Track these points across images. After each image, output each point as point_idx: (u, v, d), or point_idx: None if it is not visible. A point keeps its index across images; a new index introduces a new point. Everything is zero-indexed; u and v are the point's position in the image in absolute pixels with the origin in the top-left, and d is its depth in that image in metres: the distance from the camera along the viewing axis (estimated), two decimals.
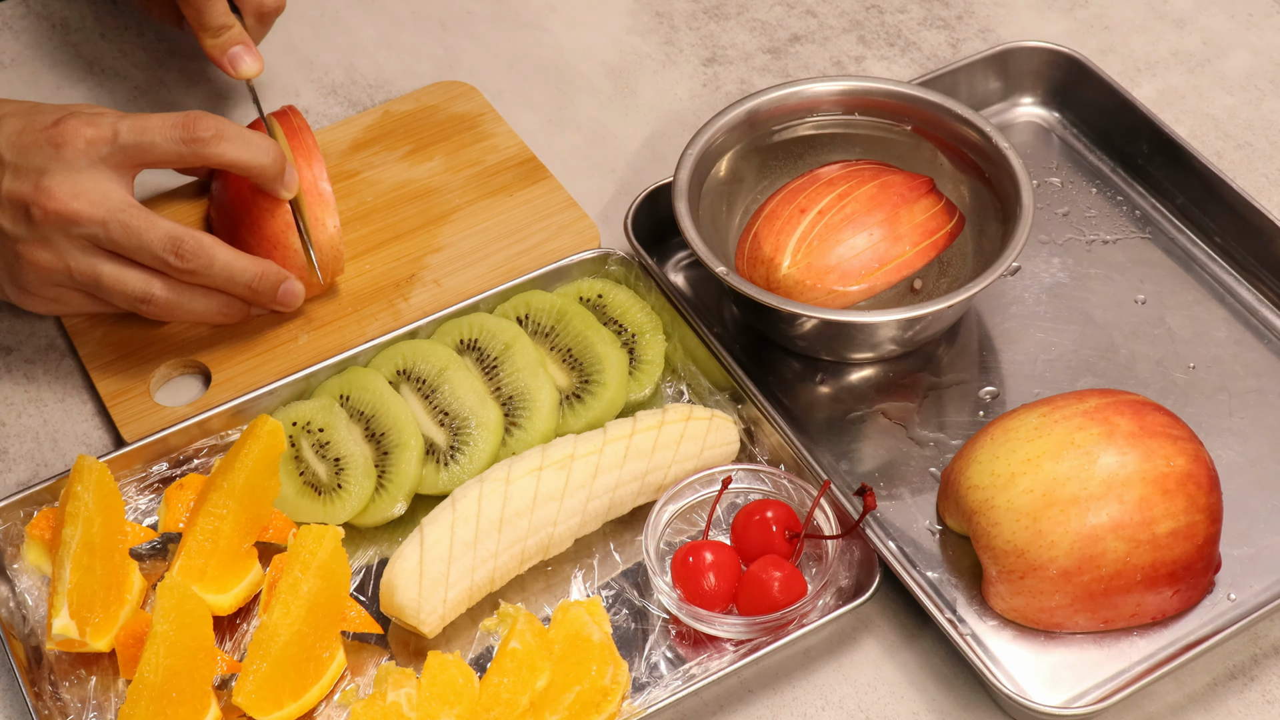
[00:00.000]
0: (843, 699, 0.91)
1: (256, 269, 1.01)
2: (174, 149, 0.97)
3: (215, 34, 1.08)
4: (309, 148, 1.05)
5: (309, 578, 0.88)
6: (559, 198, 1.13)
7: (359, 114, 1.20)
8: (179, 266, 0.97)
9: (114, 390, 1.03)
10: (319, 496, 0.96)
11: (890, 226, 1.00)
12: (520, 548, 0.93)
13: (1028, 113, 1.19)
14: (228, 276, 1.00)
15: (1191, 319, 1.06)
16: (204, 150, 0.97)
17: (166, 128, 0.97)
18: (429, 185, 1.15)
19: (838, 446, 1.01)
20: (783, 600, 0.90)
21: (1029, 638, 0.91)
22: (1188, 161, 1.11)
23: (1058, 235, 1.11)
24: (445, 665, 0.86)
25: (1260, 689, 0.91)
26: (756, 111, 1.08)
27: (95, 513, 0.90)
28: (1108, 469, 0.88)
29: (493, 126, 1.19)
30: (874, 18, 1.29)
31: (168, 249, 0.97)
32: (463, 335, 1.02)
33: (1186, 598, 0.90)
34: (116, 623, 0.90)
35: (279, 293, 1.02)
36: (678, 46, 1.27)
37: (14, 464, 1.02)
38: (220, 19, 1.08)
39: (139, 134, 0.97)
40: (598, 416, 1.00)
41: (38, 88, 1.24)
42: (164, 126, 0.97)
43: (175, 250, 0.97)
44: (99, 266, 0.97)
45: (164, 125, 0.97)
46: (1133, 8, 1.29)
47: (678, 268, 1.10)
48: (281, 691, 0.87)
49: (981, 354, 1.05)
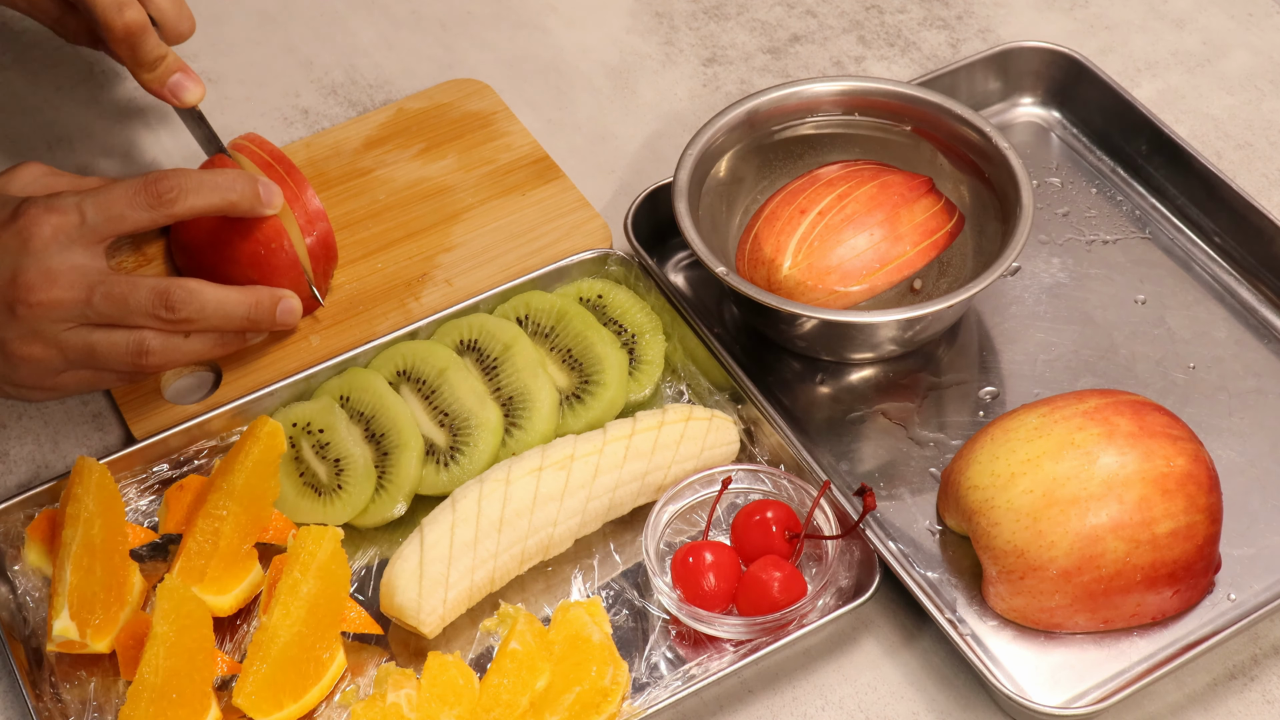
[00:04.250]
0: (843, 699, 0.91)
1: (249, 299, 0.99)
2: (144, 215, 0.95)
3: (152, 68, 1.05)
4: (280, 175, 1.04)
5: (309, 578, 0.88)
6: (571, 197, 1.13)
7: (372, 112, 1.20)
8: (173, 319, 0.95)
9: (125, 388, 1.03)
10: (319, 497, 0.96)
11: (891, 226, 1.00)
12: (520, 548, 0.93)
13: (1028, 113, 1.19)
14: (223, 315, 0.98)
15: (1191, 319, 1.06)
16: (173, 210, 0.95)
17: (130, 196, 0.95)
18: (442, 184, 1.15)
19: (838, 446, 1.01)
20: (783, 600, 0.90)
21: (1029, 638, 0.91)
22: (1188, 161, 1.11)
23: (1058, 235, 1.11)
24: (445, 666, 0.86)
25: (1260, 689, 0.91)
26: (756, 111, 1.08)
27: (95, 514, 0.90)
28: (1108, 469, 0.88)
29: (506, 125, 1.19)
30: (874, 18, 1.29)
31: (157, 305, 0.95)
32: (463, 336, 1.02)
33: (1186, 598, 0.90)
34: (117, 624, 0.90)
35: (277, 314, 1.01)
36: (678, 46, 1.27)
37: (14, 466, 1.02)
38: (155, 51, 1.05)
39: (105, 209, 0.94)
40: (598, 417, 1.00)
41: (37, 88, 1.24)
42: (128, 196, 0.95)
43: (165, 304, 0.95)
44: (90, 338, 0.95)
45: (127, 195, 0.95)
46: (1133, 8, 1.29)
47: (678, 268, 1.10)
48: (282, 692, 0.87)
49: (981, 354, 1.05)
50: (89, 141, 1.20)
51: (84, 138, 1.20)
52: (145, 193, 0.95)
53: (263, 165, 1.04)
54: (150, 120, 1.22)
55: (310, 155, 1.16)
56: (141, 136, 1.20)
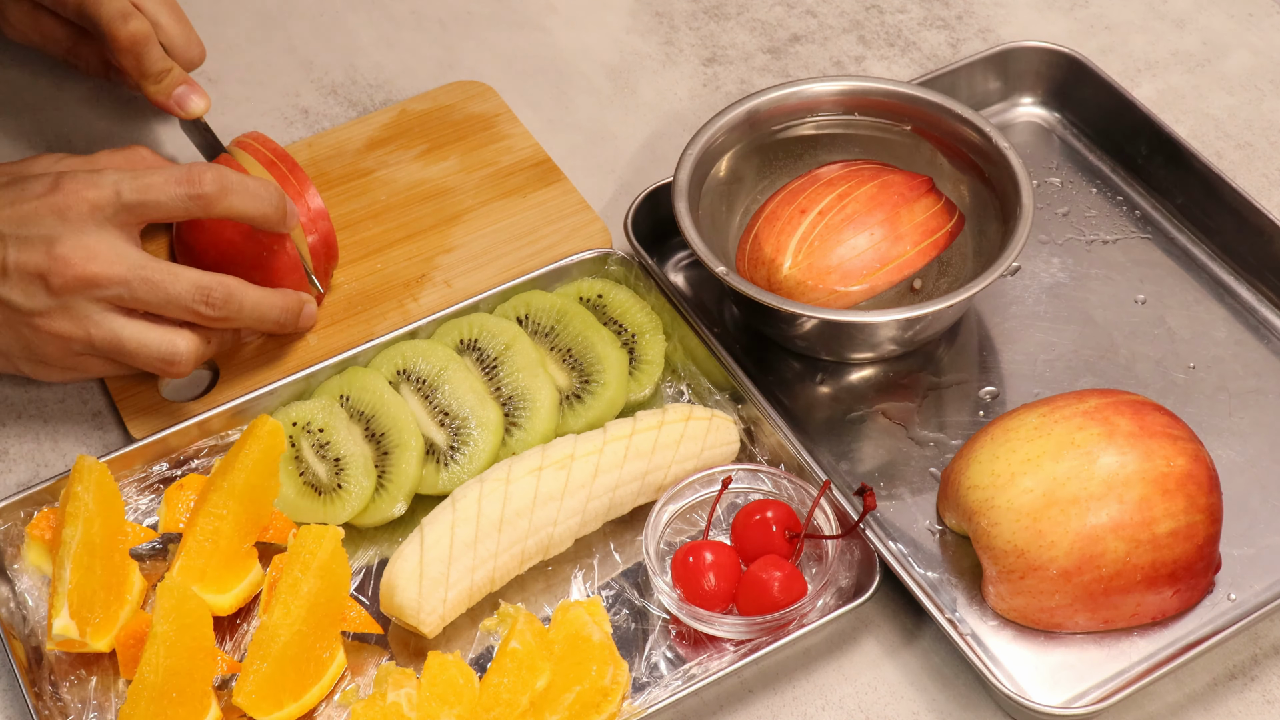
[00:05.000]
0: (843, 699, 0.91)
1: (282, 301, 1.00)
2: (180, 205, 0.95)
3: (157, 79, 1.06)
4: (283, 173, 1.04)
5: (309, 578, 0.88)
6: (572, 200, 1.13)
7: (375, 112, 1.20)
8: (209, 315, 0.96)
9: (122, 385, 1.03)
10: (319, 496, 0.96)
11: (891, 226, 1.00)
12: (520, 548, 0.93)
13: (1028, 113, 1.19)
14: (258, 316, 0.99)
15: (1191, 319, 1.06)
16: (210, 208, 0.95)
17: (170, 185, 0.94)
18: (443, 185, 1.15)
19: (838, 446, 1.01)
20: (783, 600, 0.90)
21: (1029, 638, 0.91)
22: (1188, 161, 1.11)
23: (1058, 235, 1.11)
24: (445, 665, 0.86)
25: (1260, 689, 0.91)
26: (756, 111, 1.08)
27: (95, 513, 0.90)
28: (1108, 469, 0.88)
29: (508, 127, 1.19)
30: (874, 18, 1.29)
31: (197, 299, 0.95)
32: (463, 335, 1.02)
33: (1186, 598, 0.90)
34: (116, 623, 0.90)
35: (301, 318, 1.03)
36: (678, 46, 1.27)
37: (14, 464, 1.02)
38: (159, 64, 1.06)
39: (142, 193, 0.94)
40: (598, 416, 1.00)
41: (37, 88, 1.24)
42: (167, 184, 0.94)
43: (205, 299, 0.95)
44: (120, 331, 0.95)
45: (167, 183, 0.94)
46: (1133, 8, 1.29)
47: (678, 268, 1.10)
48: (282, 691, 0.87)
49: (981, 354, 1.05)
50: (89, 142, 1.20)
51: (84, 138, 1.20)
52: (186, 184, 0.94)
53: (266, 164, 1.05)
54: (151, 122, 1.22)
55: (313, 155, 1.16)
56: (142, 138, 1.20)
